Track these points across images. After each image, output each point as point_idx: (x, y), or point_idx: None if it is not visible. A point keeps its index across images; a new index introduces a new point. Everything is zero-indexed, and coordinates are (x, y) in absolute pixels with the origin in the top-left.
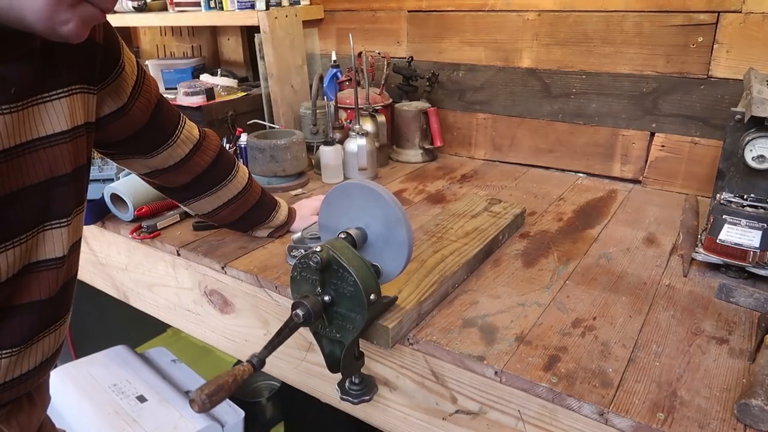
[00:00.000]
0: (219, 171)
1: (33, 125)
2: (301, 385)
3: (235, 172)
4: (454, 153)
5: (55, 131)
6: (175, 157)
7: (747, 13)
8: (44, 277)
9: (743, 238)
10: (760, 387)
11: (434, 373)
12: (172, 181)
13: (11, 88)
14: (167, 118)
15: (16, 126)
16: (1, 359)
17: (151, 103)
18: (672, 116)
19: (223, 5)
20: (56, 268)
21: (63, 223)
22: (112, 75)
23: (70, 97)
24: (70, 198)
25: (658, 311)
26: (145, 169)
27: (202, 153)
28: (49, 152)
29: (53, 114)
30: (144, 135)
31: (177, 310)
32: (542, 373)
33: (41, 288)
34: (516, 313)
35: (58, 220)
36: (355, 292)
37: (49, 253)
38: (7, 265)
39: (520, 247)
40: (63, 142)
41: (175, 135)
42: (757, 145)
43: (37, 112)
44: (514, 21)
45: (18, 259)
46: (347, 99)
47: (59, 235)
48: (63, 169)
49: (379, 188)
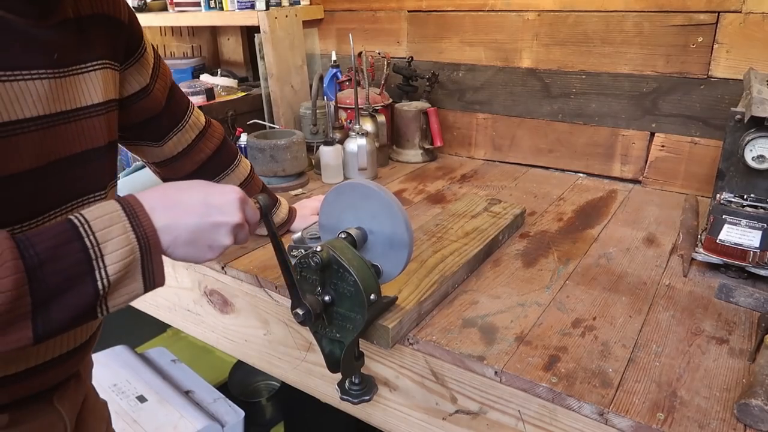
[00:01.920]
0: (222, 159)
1: (73, 94)
2: (301, 385)
3: (238, 161)
4: (454, 153)
5: (93, 102)
6: (183, 143)
7: (747, 13)
8: None
9: (743, 238)
10: (760, 387)
11: (434, 373)
12: (179, 171)
13: (54, 53)
14: (179, 103)
15: (57, 93)
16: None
17: (166, 86)
18: (672, 116)
19: (223, 5)
20: None
21: (99, 196)
22: (135, 55)
23: (104, 70)
24: (106, 172)
25: (658, 311)
26: (155, 157)
27: (206, 140)
28: (87, 123)
29: (90, 85)
30: (160, 119)
31: (177, 310)
32: (542, 373)
33: None
34: (516, 313)
35: (95, 194)
36: (355, 292)
37: None
38: None
39: (520, 247)
40: (98, 114)
41: (185, 120)
42: (757, 145)
43: (76, 82)
44: (514, 21)
45: None
46: (347, 99)
47: None
48: (99, 141)
49: (379, 188)
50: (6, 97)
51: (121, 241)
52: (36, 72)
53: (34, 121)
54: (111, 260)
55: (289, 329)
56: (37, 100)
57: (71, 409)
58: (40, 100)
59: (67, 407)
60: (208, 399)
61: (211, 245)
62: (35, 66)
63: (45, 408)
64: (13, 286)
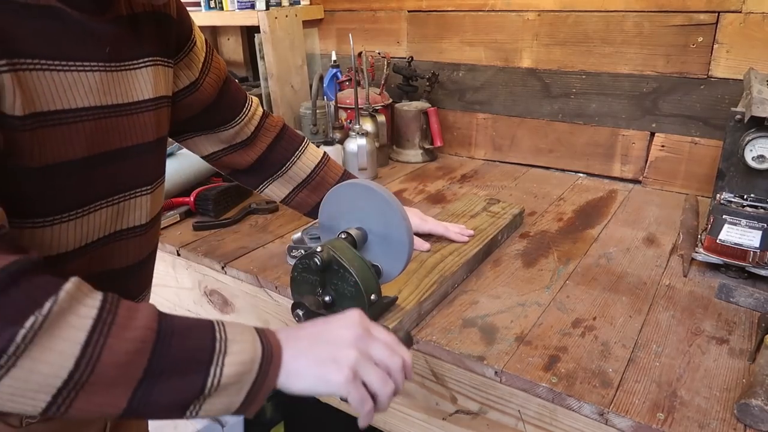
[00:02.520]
0: (284, 147)
1: (125, 89)
2: None
3: (303, 148)
4: (454, 153)
5: (144, 98)
6: (242, 136)
7: (747, 13)
8: (131, 245)
9: (743, 238)
10: (760, 387)
11: (434, 373)
12: (239, 162)
13: (106, 47)
14: (234, 97)
15: (109, 86)
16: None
17: (219, 80)
18: (672, 116)
19: (223, 5)
20: (141, 235)
21: (147, 190)
22: (185, 49)
23: (155, 67)
24: (154, 167)
25: (658, 311)
26: (211, 147)
27: (265, 131)
28: (137, 118)
29: (142, 81)
30: (212, 112)
31: (177, 310)
32: (542, 373)
33: (129, 254)
34: (516, 313)
35: (143, 188)
36: (356, 292)
37: (134, 220)
38: (99, 224)
39: (520, 247)
40: (149, 110)
41: (243, 113)
42: (757, 145)
43: (128, 77)
44: (514, 21)
45: (109, 221)
46: (347, 99)
47: (144, 202)
48: (149, 137)
49: (379, 188)
50: (60, 86)
51: (247, 346)
52: (89, 64)
53: (87, 111)
54: (230, 361)
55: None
56: (89, 91)
57: None
58: (92, 91)
59: None
60: None
61: (335, 358)
62: (88, 58)
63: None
64: (141, 337)
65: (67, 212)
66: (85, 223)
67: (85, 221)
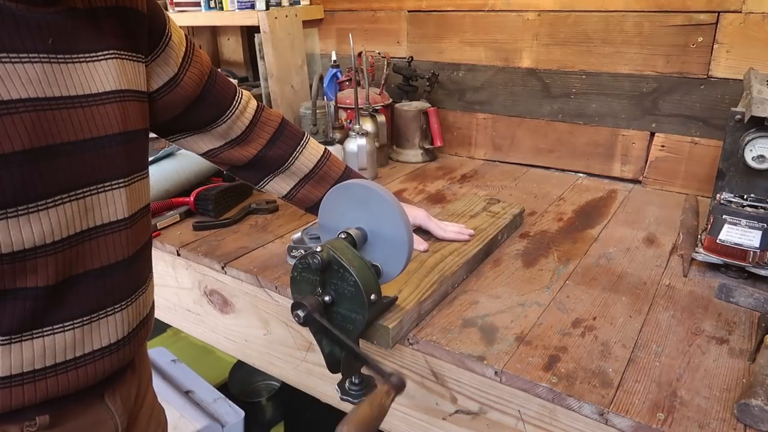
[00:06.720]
0: (285, 142)
1: (78, 81)
2: (301, 385)
3: (304, 143)
4: (454, 153)
5: (105, 90)
6: (236, 131)
7: (747, 13)
8: (110, 242)
9: (743, 238)
10: (760, 387)
11: (434, 373)
12: (237, 158)
13: (49, 38)
14: (221, 91)
15: (55, 78)
16: (113, 314)
17: (203, 75)
18: (672, 116)
19: (223, 5)
20: (122, 230)
21: (120, 184)
22: (160, 45)
23: (119, 60)
24: (125, 160)
25: (658, 311)
26: (206, 145)
27: (263, 125)
28: (97, 110)
29: (101, 73)
30: (198, 108)
31: (177, 310)
32: (542, 373)
33: (110, 252)
34: (516, 313)
35: (114, 182)
36: (356, 292)
37: (109, 216)
38: (66, 220)
39: (520, 247)
40: (109, 102)
41: (232, 108)
42: (757, 145)
43: (81, 70)
44: (514, 21)
45: (77, 216)
46: (347, 99)
47: (119, 196)
48: (112, 129)
49: (378, 188)
50: None
51: None
52: (27, 56)
53: (24, 102)
54: None
55: (289, 329)
56: (27, 82)
57: (123, 405)
58: (30, 82)
59: (119, 403)
60: (208, 399)
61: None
62: (26, 50)
63: (93, 403)
64: None
65: (16, 206)
66: (44, 218)
67: (44, 215)
